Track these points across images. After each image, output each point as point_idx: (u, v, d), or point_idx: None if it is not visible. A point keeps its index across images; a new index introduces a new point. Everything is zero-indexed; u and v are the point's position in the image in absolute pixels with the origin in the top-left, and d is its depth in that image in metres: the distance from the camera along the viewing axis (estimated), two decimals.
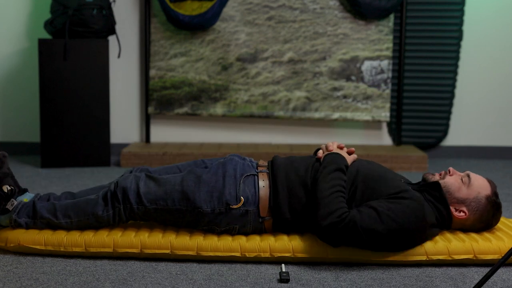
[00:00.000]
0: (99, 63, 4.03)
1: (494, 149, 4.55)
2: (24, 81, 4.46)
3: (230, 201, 2.25)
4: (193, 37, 4.34)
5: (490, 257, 2.22)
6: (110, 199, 2.30)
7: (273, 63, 4.35)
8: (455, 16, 4.40)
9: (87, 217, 2.31)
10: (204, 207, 2.25)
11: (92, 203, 2.32)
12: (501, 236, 2.31)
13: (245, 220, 2.28)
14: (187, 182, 2.28)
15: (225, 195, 2.25)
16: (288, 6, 4.32)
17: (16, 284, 2.02)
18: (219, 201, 2.25)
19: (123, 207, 2.29)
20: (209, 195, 2.26)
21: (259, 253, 2.22)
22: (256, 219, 2.28)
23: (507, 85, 4.52)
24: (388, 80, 4.33)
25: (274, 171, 2.34)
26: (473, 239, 2.28)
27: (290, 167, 2.34)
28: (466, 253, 2.22)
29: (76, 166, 4.05)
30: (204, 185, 2.27)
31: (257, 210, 2.27)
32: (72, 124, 4.02)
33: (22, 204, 2.34)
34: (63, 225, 2.31)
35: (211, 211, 2.26)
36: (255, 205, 2.26)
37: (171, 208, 2.28)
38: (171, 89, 4.37)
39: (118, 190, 2.29)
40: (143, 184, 2.30)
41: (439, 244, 2.23)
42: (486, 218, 2.32)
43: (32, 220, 2.32)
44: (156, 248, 2.23)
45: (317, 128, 4.52)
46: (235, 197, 2.25)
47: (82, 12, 3.93)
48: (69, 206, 2.33)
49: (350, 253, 2.21)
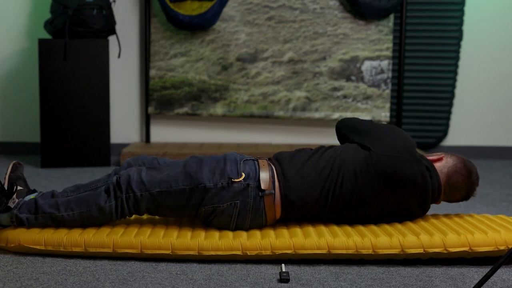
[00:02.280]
0: (99, 63, 4.03)
1: (494, 149, 4.55)
2: (24, 81, 4.46)
3: (232, 175, 2.32)
4: (193, 37, 4.34)
5: (485, 249, 2.22)
6: (113, 190, 2.33)
7: (273, 63, 4.35)
8: (455, 16, 4.40)
9: (89, 208, 2.32)
10: (207, 182, 2.31)
11: (95, 195, 2.34)
12: (497, 228, 2.31)
13: (245, 194, 2.32)
14: (189, 164, 2.36)
15: (227, 170, 2.33)
16: (288, 6, 4.32)
17: (16, 284, 2.02)
18: (222, 176, 2.32)
19: (125, 196, 2.31)
20: (211, 172, 2.33)
21: (260, 251, 2.22)
22: (256, 193, 2.32)
23: (507, 85, 4.52)
24: (388, 80, 4.33)
25: (276, 156, 2.47)
26: (469, 232, 2.28)
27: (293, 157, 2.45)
28: (461, 245, 2.22)
29: (76, 166, 4.05)
30: (206, 165, 2.35)
31: (258, 183, 2.32)
32: (72, 124, 4.02)
33: (24, 201, 2.35)
34: (65, 217, 2.31)
35: (214, 186, 2.31)
36: (255, 180, 2.33)
37: (175, 189, 2.32)
38: (171, 89, 4.37)
39: (122, 181, 2.33)
40: (145, 174, 2.35)
41: (435, 237, 2.23)
42: (461, 172, 2.44)
43: (34, 215, 2.32)
44: (157, 249, 2.23)
45: (317, 128, 4.52)
46: (236, 172, 2.33)
47: (82, 12, 3.93)
48: (70, 199, 2.35)
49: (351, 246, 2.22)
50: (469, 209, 3.11)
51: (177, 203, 2.33)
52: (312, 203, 2.34)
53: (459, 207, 3.14)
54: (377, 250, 2.22)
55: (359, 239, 2.23)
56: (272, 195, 2.33)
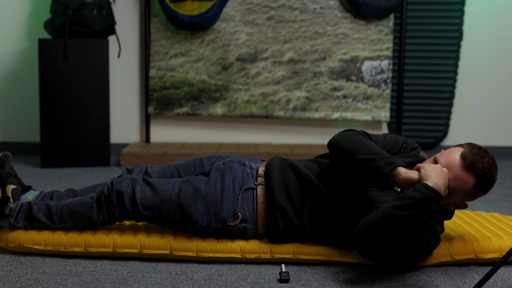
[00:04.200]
0: (99, 63, 4.03)
1: (494, 149, 4.55)
2: (24, 81, 4.46)
3: (228, 218, 2.20)
4: (193, 37, 4.34)
5: (491, 256, 2.23)
6: (105, 203, 2.27)
7: (273, 63, 4.35)
8: (455, 16, 4.40)
9: (83, 221, 2.30)
10: (200, 221, 2.22)
11: (87, 206, 2.28)
12: (500, 235, 2.32)
13: (243, 235, 2.25)
14: (184, 194, 2.23)
15: (223, 211, 2.20)
16: (288, 6, 4.32)
17: (16, 284, 2.02)
18: (216, 217, 2.21)
19: (118, 211, 2.27)
20: (206, 210, 2.21)
21: (259, 254, 2.22)
22: (255, 235, 2.25)
23: (507, 85, 4.52)
24: (388, 80, 4.33)
25: (270, 185, 2.24)
26: (474, 239, 2.29)
27: (287, 178, 2.25)
28: (467, 253, 2.23)
29: (76, 166, 4.05)
30: (201, 199, 2.22)
31: (255, 227, 2.24)
32: (72, 124, 4.02)
33: (19, 207, 2.32)
34: (60, 228, 2.31)
35: (207, 226, 2.22)
36: (254, 222, 2.23)
37: (166, 218, 2.25)
38: (171, 89, 4.37)
39: (113, 194, 2.25)
40: (139, 190, 2.25)
41: (440, 247, 2.23)
42: (468, 178, 2.04)
43: (30, 224, 2.32)
44: (156, 249, 2.23)
45: (317, 128, 4.51)
46: (232, 214, 2.21)
47: (82, 12, 3.93)
48: (64, 210, 2.30)
49: (353, 256, 2.22)
50: (469, 209, 3.11)
51: (169, 225, 2.30)
52: (304, 231, 2.23)
53: None
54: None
55: None
56: None
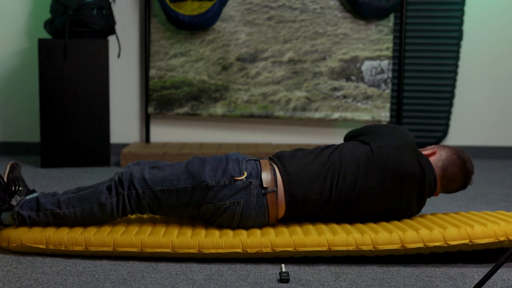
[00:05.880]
0: (99, 63, 4.03)
1: (494, 149, 4.55)
2: (24, 81, 4.46)
3: (234, 173, 2.34)
4: (193, 37, 4.34)
5: (486, 241, 2.22)
6: (114, 187, 2.35)
7: (273, 63, 4.35)
8: (455, 16, 4.40)
9: (90, 204, 2.33)
10: (209, 180, 2.33)
11: (96, 192, 2.36)
12: (496, 221, 2.31)
13: (248, 192, 2.32)
14: (191, 164, 2.38)
15: (229, 169, 2.35)
16: (288, 6, 4.32)
17: (16, 284, 2.02)
18: (224, 174, 2.34)
19: (127, 193, 2.32)
20: (213, 170, 2.35)
21: (260, 249, 2.23)
22: (259, 191, 2.33)
23: (507, 85, 4.52)
24: (388, 80, 4.33)
25: (277, 154, 2.49)
26: (468, 225, 2.29)
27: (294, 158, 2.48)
28: (461, 238, 2.22)
29: (76, 166, 4.05)
30: (208, 164, 2.37)
31: (260, 181, 2.34)
32: (72, 124, 4.02)
33: (26, 199, 2.37)
34: (66, 214, 2.32)
35: (216, 184, 2.32)
36: (258, 178, 2.35)
37: (177, 188, 2.33)
38: (171, 89, 4.37)
39: (124, 178, 2.34)
40: (147, 172, 2.37)
41: (434, 231, 2.24)
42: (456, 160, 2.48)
43: (35, 212, 2.33)
44: (157, 247, 2.23)
45: (317, 128, 4.52)
46: (238, 171, 2.35)
47: (82, 12, 3.93)
48: (72, 197, 2.37)
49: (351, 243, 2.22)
50: (469, 209, 3.11)
51: (179, 202, 2.34)
52: (316, 196, 2.35)
53: (459, 207, 3.15)
54: (377, 246, 2.22)
55: (359, 236, 2.24)
56: (274, 193, 2.35)
